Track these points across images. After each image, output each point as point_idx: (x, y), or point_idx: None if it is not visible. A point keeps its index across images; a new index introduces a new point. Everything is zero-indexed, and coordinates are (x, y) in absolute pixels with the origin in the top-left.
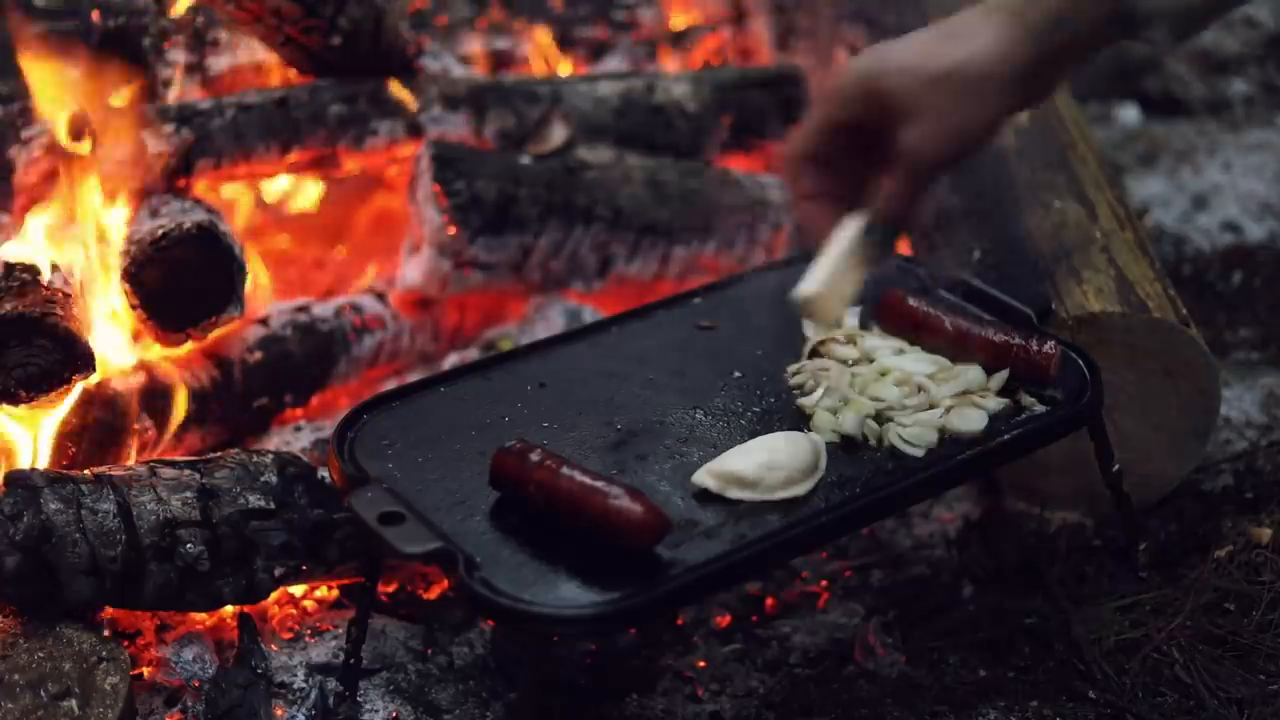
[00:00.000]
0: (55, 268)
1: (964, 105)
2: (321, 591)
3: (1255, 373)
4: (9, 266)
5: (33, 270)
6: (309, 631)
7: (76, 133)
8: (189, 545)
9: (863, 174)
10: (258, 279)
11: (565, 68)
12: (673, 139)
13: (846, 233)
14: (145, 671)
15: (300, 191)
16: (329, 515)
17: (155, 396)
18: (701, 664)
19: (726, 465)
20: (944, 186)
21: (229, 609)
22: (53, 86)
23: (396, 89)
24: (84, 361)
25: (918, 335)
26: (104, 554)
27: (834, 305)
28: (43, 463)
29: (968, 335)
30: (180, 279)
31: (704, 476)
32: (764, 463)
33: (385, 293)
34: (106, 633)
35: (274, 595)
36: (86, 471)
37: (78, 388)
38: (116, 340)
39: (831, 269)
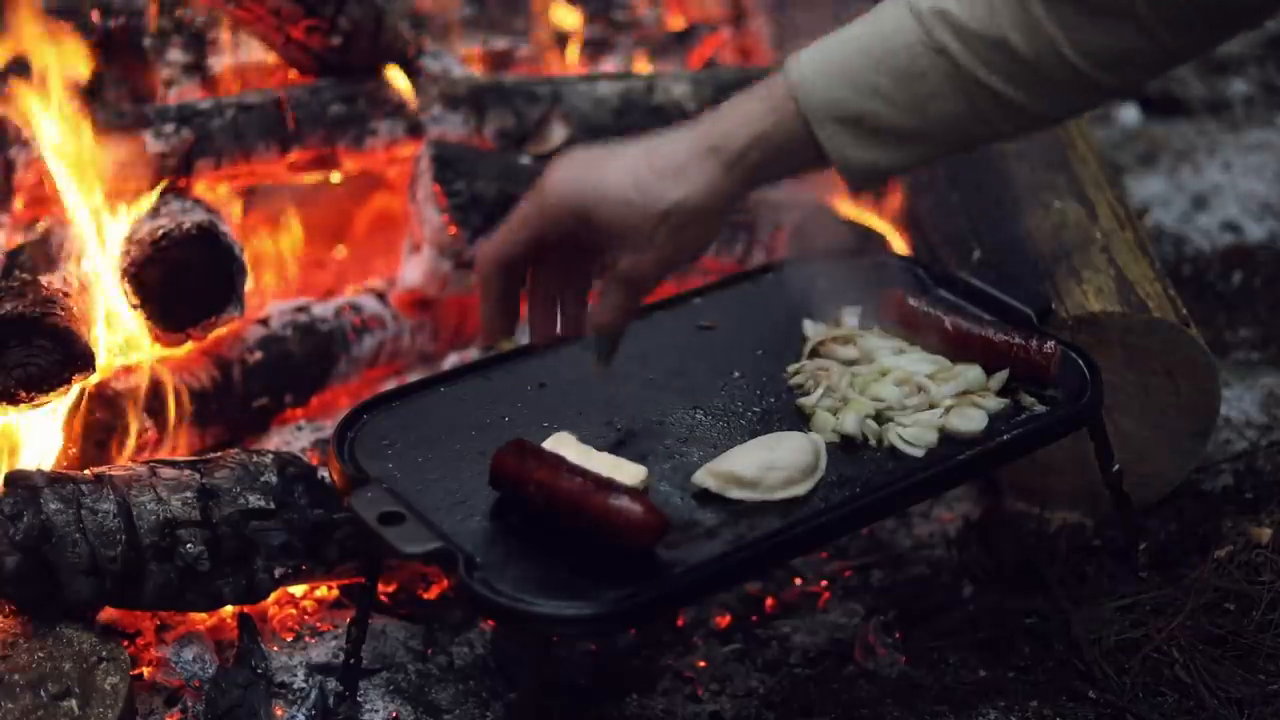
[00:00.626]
0: (55, 267)
1: (680, 238)
2: (321, 591)
3: (1255, 373)
4: (9, 266)
5: (33, 270)
6: (309, 631)
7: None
8: (189, 545)
9: (558, 269)
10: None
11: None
12: None
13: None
14: (145, 671)
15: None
16: (329, 515)
17: (155, 396)
18: (701, 664)
19: (726, 465)
20: (944, 185)
21: (229, 609)
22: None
23: (395, 80)
24: (84, 361)
25: (918, 335)
26: (104, 554)
27: None
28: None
29: (968, 335)
30: (180, 279)
31: (704, 476)
32: (764, 463)
33: (385, 293)
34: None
35: (274, 595)
36: (86, 471)
37: (77, 387)
38: (116, 340)
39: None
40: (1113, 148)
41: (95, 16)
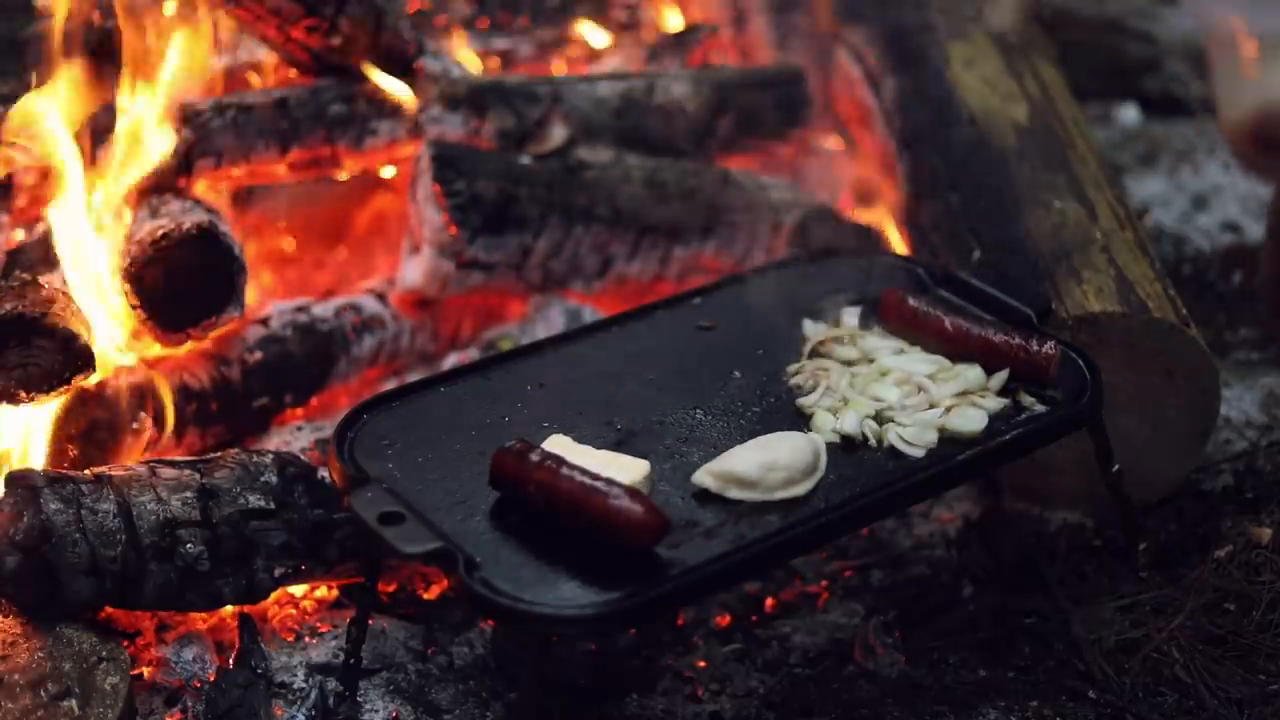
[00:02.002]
0: (55, 267)
1: None
2: (321, 591)
3: (1255, 373)
4: (9, 266)
5: (33, 270)
6: (309, 631)
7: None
8: (189, 545)
9: None
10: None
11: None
12: (673, 139)
13: None
14: (145, 671)
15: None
16: (329, 515)
17: (155, 396)
18: (701, 664)
19: (726, 465)
20: (944, 186)
21: (229, 609)
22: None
23: (399, 92)
24: (84, 361)
25: (918, 335)
26: (104, 554)
27: None
28: (42, 463)
29: (968, 335)
30: (180, 279)
31: (704, 476)
32: (764, 463)
33: (385, 293)
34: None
35: (274, 595)
36: (86, 471)
37: (76, 387)
38: (116, 340)
39: None
40: (1113, 148)
41: (96, 17)
